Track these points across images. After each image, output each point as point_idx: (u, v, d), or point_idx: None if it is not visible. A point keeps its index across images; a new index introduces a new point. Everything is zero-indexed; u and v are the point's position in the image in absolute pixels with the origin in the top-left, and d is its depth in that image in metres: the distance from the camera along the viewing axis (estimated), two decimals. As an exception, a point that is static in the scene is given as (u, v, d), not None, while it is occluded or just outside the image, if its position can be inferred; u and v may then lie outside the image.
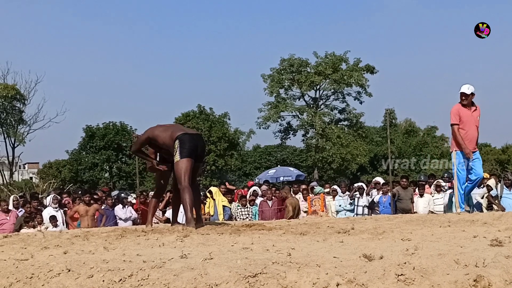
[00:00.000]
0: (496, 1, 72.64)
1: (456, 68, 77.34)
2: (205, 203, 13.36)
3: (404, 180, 13.68)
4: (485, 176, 13.87)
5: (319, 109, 42.32)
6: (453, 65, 76.92)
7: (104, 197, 14.61)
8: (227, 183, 18.20)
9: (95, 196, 14.21)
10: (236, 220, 12.68)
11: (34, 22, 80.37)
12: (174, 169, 7.72)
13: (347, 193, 13.99)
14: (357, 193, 13.87)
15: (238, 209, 13.87)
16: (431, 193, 13.58)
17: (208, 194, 13.69)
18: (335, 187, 14.78)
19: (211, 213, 13.24)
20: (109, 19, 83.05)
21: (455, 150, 9.64)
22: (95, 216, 12.66)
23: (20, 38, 75.17)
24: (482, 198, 12.79)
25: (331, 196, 14.03)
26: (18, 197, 14.27)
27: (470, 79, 74.80)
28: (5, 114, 37.11)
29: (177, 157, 7.50)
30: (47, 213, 12.75)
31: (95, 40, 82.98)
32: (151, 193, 15.29)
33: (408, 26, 79.22)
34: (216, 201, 13.79)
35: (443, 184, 13.73)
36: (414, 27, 78.69)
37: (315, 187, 15.91)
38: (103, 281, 3.38)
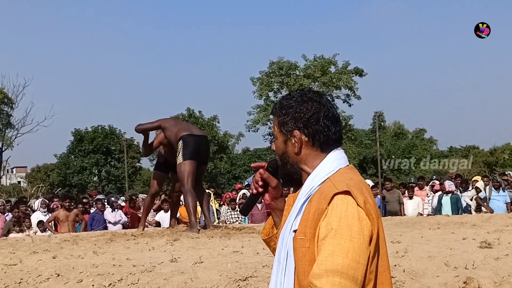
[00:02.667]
0: (486, 3, 73.12)
1: (445, 71, 77.77)
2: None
3: (388, 183, 13.70)
4: (476, 179, 13.96)
5: (308, 112, 42.38)
6: (442, 68, 77.34)
7: (92, 201, 14.50)
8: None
9: (84, 200, 14.10)
10: (226, 223, 12.65)
11: (22, 25, 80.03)
12: (177, 170, 7.61)
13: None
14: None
15: (227, 212, 13.82)
16: (426, 194, 13.63)
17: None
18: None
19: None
20: (98, 22, 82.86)
21: None
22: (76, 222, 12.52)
23: (7, 42, 74.84)
24: (471, 200, 12.85)
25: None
26: (5, 202, 14.15)
27: (459, 82, 75.28)
28: (-8, 118, 36.88)
29: (179, 159, 7.42)
30: (35, 217, 12.65)
31: (83, 43, 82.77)
32: (141, 196, 15.25)
33: (397, 29, 79.62)
34: (212, 204, 13.74)
35: (437, 183, 13.79)
36: (402, 30, 79.12)
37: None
38: (93, 285, 3.37)
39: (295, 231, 1.93)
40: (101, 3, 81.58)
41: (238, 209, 13.91)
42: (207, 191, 14.29)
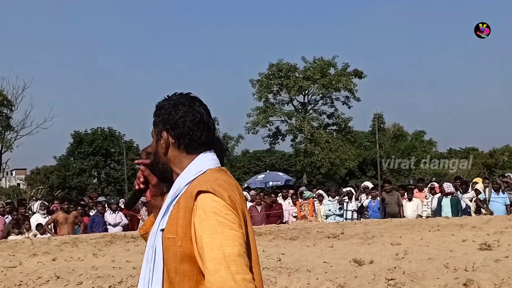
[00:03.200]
0: (485, 5, 73.13)
1: (444, 73, 77.76)
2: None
3: (387, 184, 13.68)
4: (476, 181, 13.95)
5: (307, 114, 42.34)
6: (441, 69, 77.32)
7: (91, 203, 14.49)
8: None
9: (81, 202, 14.08)
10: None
11: (21, 27, 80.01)
12: None
13: (337, 197, 13.99)
14: (346, 197, 13.88)
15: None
16: (425, 196, 13.62)
17: None
18: (321, 191, 14.78)
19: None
20: (96, 23, 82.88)
21: None
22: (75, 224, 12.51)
23: (7, 44, 74.81)
24: (471, 201, 12.85)
25: (318, 201, 14.04)
26: (5, 204, 14.15)
27: (458, 84, 75.27)
28: (-8, 120, 36.82)
29: None
30: (35, 220, 12.65)
31: (83, 45, 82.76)
32: (142, 198, 15.25)
33: (396, 31, 79.58)
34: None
35: (436, 185, 13.80)
36: (402, 32, 79.06)
37: (304, 192, 15.90)
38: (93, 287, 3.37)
39: (162, 230, 1.99)
40: (100, 5, 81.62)
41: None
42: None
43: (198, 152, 2.14)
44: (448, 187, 12.89)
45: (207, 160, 2.13)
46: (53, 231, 12.27)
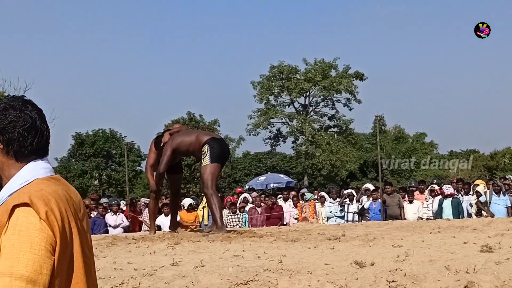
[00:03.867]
0: (486, 5, 73.10)
1: (445, 74, 77.73)
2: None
3: (388, 186, 13.68)
4: (478, 183, 13.95)
5: (308, 116, 42.39)
6: (443, 71, 77.29)
7: (93, 205, 14.49)
8: None
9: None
10: (226, 227, 12.65)
11: (22, 28, 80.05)
12: (201, 172, 7.78)
13: (338, 199, 14.00)
14: (347, 199, 13.89)
15: (228, 216, 13.84)
16: (425, 198, 13.63)
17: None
18: (323, 193, 14.80)
19: (206, 221, 13.18)
20: (99, 25, 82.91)
21: None
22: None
23: (8, 45, 74.85)
24: (471, 206, 12.85)
25: (320, 203, 14.06)
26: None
27: (459, 85, 75.24)
28: (-7, 121, 36.89)
29: (206, 161, 7.53)
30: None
31: (84, 46, 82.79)
32: (143, 200, 15.25)
33: (397, 33, 79.52)
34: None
35: (437, 187, 13.80)
36: (403, 34, 79.01)
37: (305, 193, 15.91)
38: (94, 289, 3.37)
39: None
40: (102, 6, 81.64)
41: (239, 213, 13.94)
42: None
43: (28, 160, 2.00)
44: (447, 189, 12.91)
45: (37, 169, 2.00)
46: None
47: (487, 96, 73.56)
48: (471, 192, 13.11)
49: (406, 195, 13.54)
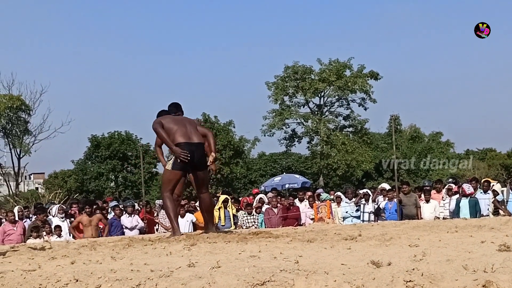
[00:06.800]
0: (500, 3, 72.61)
1: (460, 73, 77.31)
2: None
3: (405, 186, 13.61)
4: (491, 182, 13.83)
5: (323, 116, 42.36)
6: (458, 70, 76.90)
7: (106, 207, 14.56)
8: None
9: (94, 206, 14.21)
10: (242, 228, 12.66)
11: (39, 32, 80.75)
12: (163, 175, 7.85)
13: (354, 199, 13.96)
14: (363, 199, 13.85)
15: (244, 217, 13.85)
16: (442, 197, 13.54)
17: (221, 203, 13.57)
18: (339, 193, 14.77)
19: (222, 222, 13.14)
20: (113, 29, 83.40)
21: None
22: (99, 226, 12.64)
23: (25, 49, 75.57)
24: (489, 203, 12.76)
25: (336, 203, 14.03)
26: (23, 208, 14.32)
27: (475, 84, 74.75)
28: (10, 125, 37.16)
29: (169, 166, 7.48)
30: (54, 223, 12.78)
31: (100, 49, 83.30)
32: (158, 201, 15.28)
33: (412, 32, 79.31)
34: (229, 209, 13.73)
35: (454, 187, 13.71)
36: (417, 33, 78.77)
37: (321, 194, 15.89)
38: (111, 290, 3.38)
39: None
40: (118, 10, 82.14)
41: (255, 213, 13.94)
42: (224, 196, 14.25)
43: None
44: (468, 188, 12.79)
45: None
46: (76, 232, 12.42)
47: (503, 94, 73.06)
48: (489, 191, 13.00)
49: (423, 195, 13.46)
